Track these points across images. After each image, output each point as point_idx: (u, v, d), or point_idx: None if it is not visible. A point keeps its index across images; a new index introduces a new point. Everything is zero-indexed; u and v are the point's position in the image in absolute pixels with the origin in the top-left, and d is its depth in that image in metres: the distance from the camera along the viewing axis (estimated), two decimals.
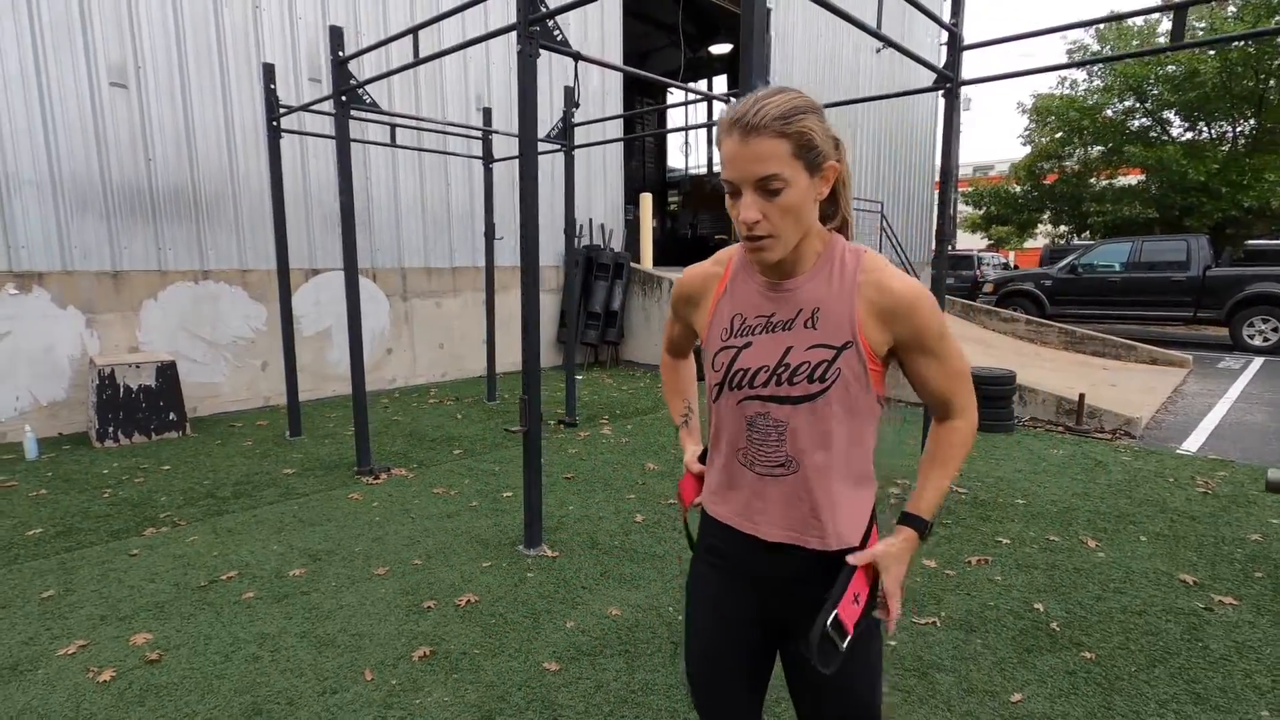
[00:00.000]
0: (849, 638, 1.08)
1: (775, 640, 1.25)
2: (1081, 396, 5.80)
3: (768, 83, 1.68)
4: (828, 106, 3.63)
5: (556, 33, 3.08)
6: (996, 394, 5.69)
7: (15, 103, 5.13)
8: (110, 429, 5.17)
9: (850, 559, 1.11)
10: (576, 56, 3.23)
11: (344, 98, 4.23)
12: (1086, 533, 3.58)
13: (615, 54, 9.44)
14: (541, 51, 3.06)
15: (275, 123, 5.06)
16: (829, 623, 1.06)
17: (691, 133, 19.35)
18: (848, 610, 1.08)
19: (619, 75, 9.51)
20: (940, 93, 3.73)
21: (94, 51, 5.44)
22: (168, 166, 5.88)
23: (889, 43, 3.22)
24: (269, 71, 5.04)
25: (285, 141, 5.21)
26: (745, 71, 2.32)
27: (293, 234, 6.56)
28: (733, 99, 1.05)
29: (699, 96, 9.93)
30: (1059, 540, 3.49)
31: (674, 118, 18.35)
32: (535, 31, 2.98)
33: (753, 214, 1.03)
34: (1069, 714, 2.15)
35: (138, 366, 5.27)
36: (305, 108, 4.90)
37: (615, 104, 9.45)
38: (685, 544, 3.32)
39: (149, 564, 3.20)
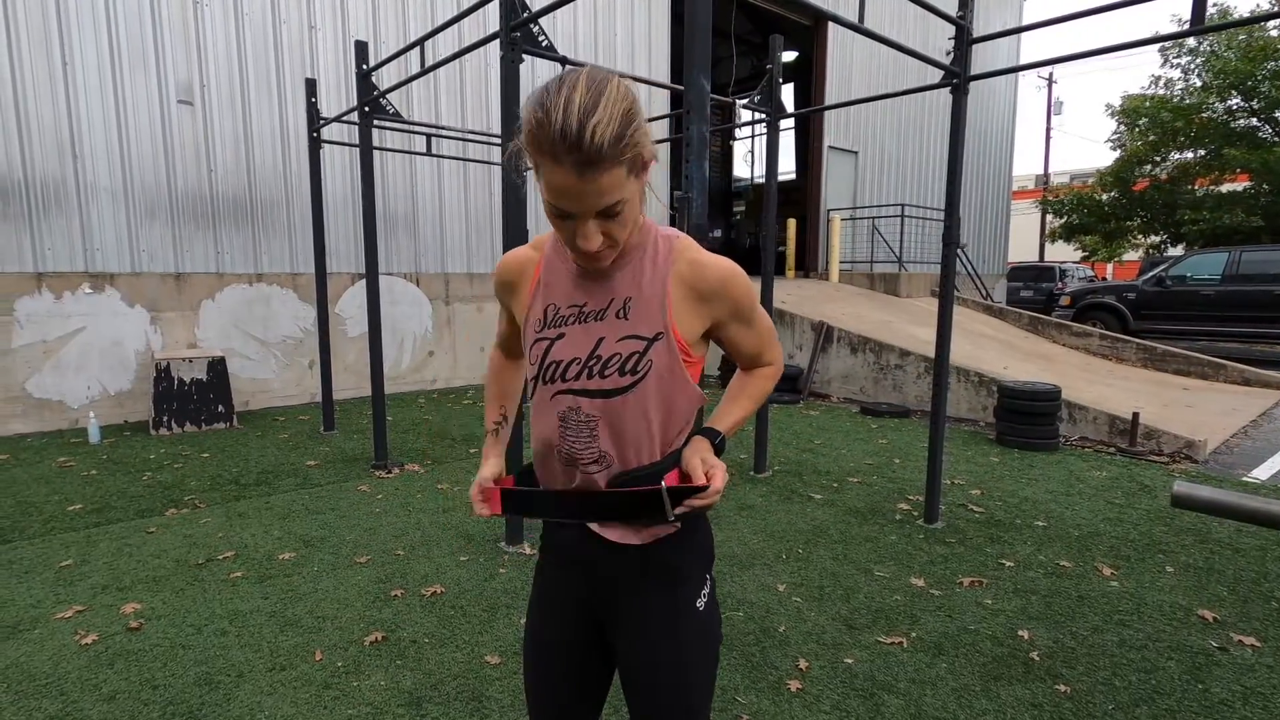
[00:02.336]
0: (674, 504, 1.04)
1: (603, 636, 1.20)
2: (1135, 415, 5.35)
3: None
4: (873, 100, 3.49)
5: (541, 38, 3.14)
6: (1038, 410, 5.32)
7: (95, 118, 5.66)
8: (165, 418, 5.59)
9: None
10: (564, 61, 3.27)
11: (367, 108, 4.45)
12: (1105, 560, 3.30)
13: (663, 62, 9.49)
14: (525, 57, 3.11)
15: (315, 134, 5.37)
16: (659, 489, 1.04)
17: (758, 142, 19.17)
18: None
19: (664, 70, 9.55)
20: (951, 89, 3.55)
21: (164, 71, 5.94)
22: (227, 176, 6.34)
23: (891, 44, 3.10)
24: (311, 86, 5.35)
25: (337, 151, 5.52)
26: (690, 53, 2.29)
27: (341, 239, 6.94)
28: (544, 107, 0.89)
29: (723, 99, 9.82)
30: (1070, 566, 3.23)
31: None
32: (517, 37, 3.05)
33: (596, 241, 0.96)
34: None
35: (190, 361, 5.68)
36: (337, 119, 5.17)
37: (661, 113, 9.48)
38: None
39: (160, 541, 3.43)
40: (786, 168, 15.44)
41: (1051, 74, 30.06)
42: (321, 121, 5.31)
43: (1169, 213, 16.50)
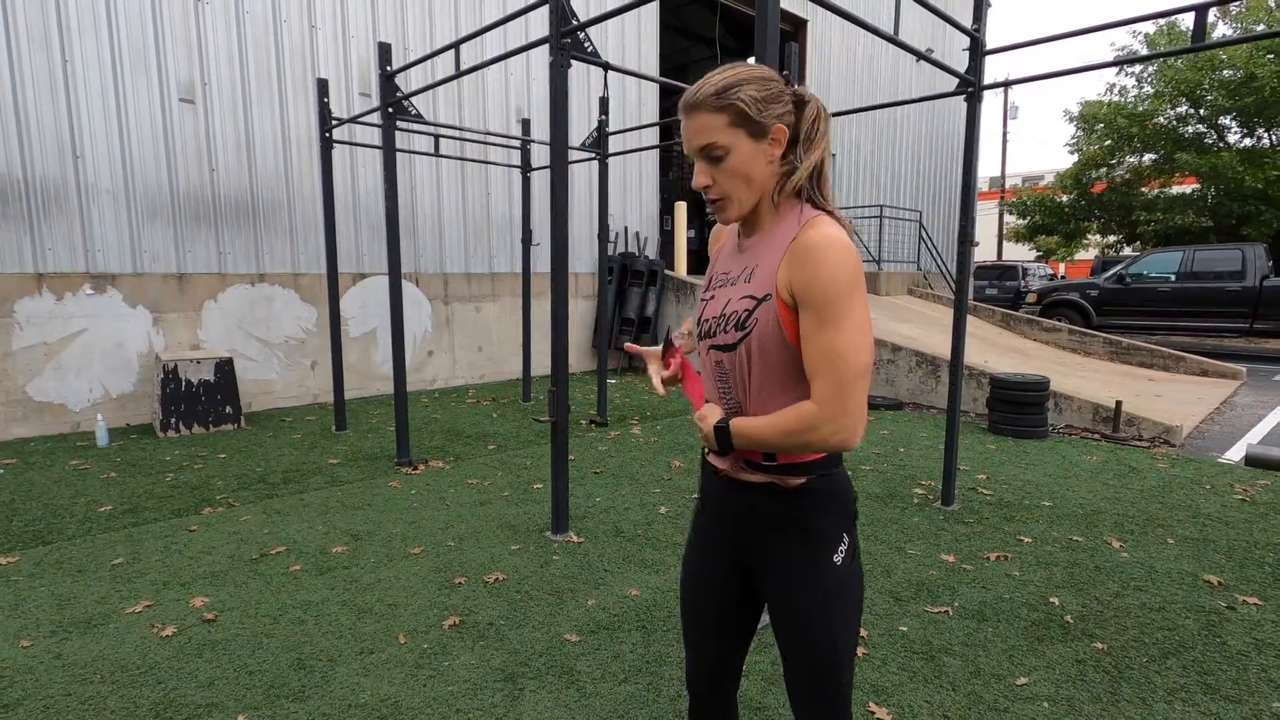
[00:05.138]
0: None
1: (750, 581, 1.31)
2: (1119, 404, 5.70)
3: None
4: (859, 111, 3.71)
5: (587, 44, 3.26)
6: (1029, 400, 5.64)
7: (96, 118, 5.57)
8: (173, 420, 5.53)
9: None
10: (606, 66, 3.41)
11: (390, 110, 4.50)
12: (1112, 534, 3.57)
13: (652, 67, 9.65)
14: (573, 63, 3.24)
15: (328, 134, 5.38)
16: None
17: None
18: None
19: (654, 88, 9.72)
20: (964, 98, 3.79)
21: (165, 70, 5.87)
22: (229, 176, 6.28)
23: (905, 47, 3.31)
24: (323, 86, 5.37)
25: (335, 152, 5.52)
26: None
27: (341, 240, 6.92)
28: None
29: None
30: (1082, 540, 3.48)
31: None
32: (567, 43, 3.17)
33: (703, 179, 1.15)
34: (1074, 698, 2.19)
35: (198, 362, 5.63)
36: (355, 119, 5.20)
37: (651, 116, 9.65)
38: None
39: (206, 539, 3.45)
40: None
41: (1007, 78, 31.12)
42: (335, 122, 5.33)
43: (1125, 214, 17.32)
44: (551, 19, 3.15)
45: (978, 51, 3.60)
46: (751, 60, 1.62)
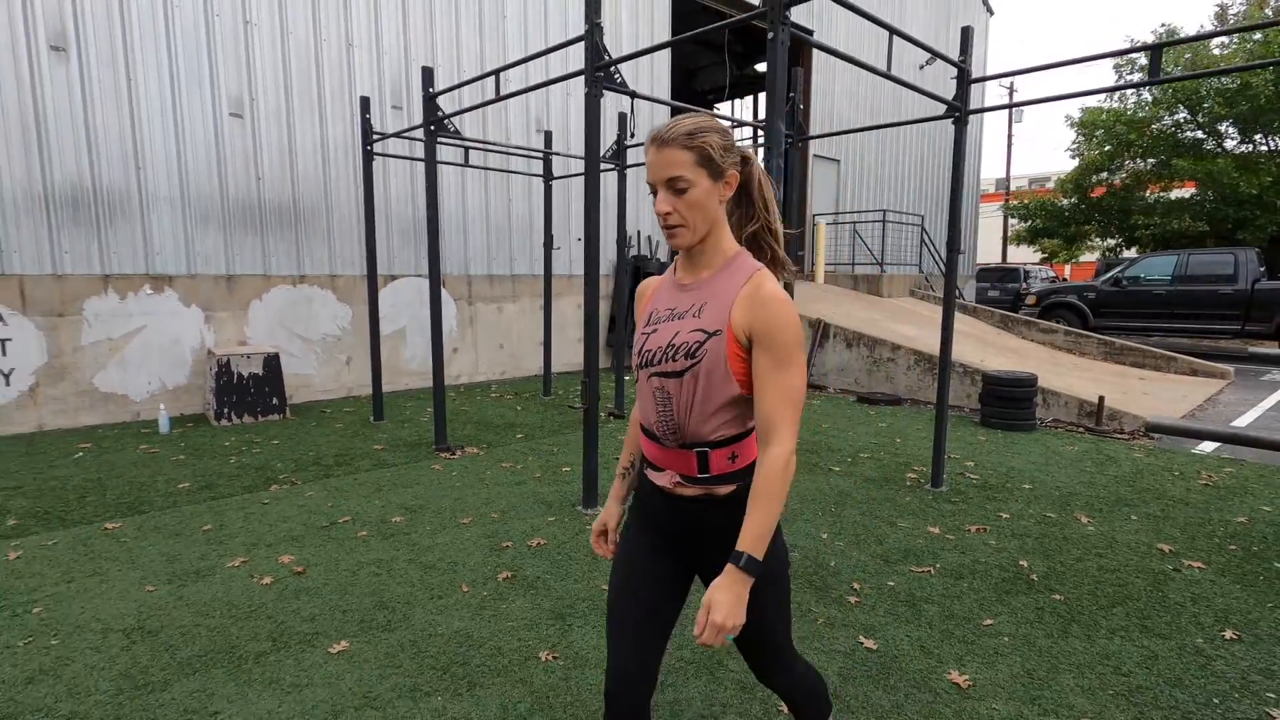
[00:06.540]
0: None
1: (678, 585, 1.46)
2: (1101, 399, 6.12)
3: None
4: (865, 129, 4.18)
5: (617, 76, 3.71)
6: (1017, 395, 6.06)
7: (155, 132, 6.06)
8: (226, 409, 6.01)
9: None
10: (634, 95, 3.86)
11: (432, 127, 4.96)
12: (1082, 512, 4.00)
13: (664, 83, 10.10)
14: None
15: (369, 147, 5.85)
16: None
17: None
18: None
19: (665, 91, 10.17)
20: (954, 121, 4.22)
21: (217, 87, 6.36)
22: (273, 184, 6.76)
23: (899, 81, 3.75)
24: (365, 104, 5.84)
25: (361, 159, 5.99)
26: (770, 108, 2.90)
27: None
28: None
29: (728, 123, 10.48)
30: (1055, 517, 3.91)
31: None
32: (600, 76, 3.62)
33: (664, 207, 1.28)
34: (1030, 634, 2.63)
35: (248, 356, 6.11)
36: (399, 134, 5.67)
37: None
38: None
39: (279, 510, 3.92)
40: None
41: (1012, 84, 31.48)
42: (376, 136, 5.80)
43: (1124, 218, 17.69)
44: (587, 55, 3.60)
45: (964, 80, 4.04)
46: (762, 66, 2.04)
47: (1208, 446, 5.66)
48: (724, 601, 1.21)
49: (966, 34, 4.14)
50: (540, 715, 2.13)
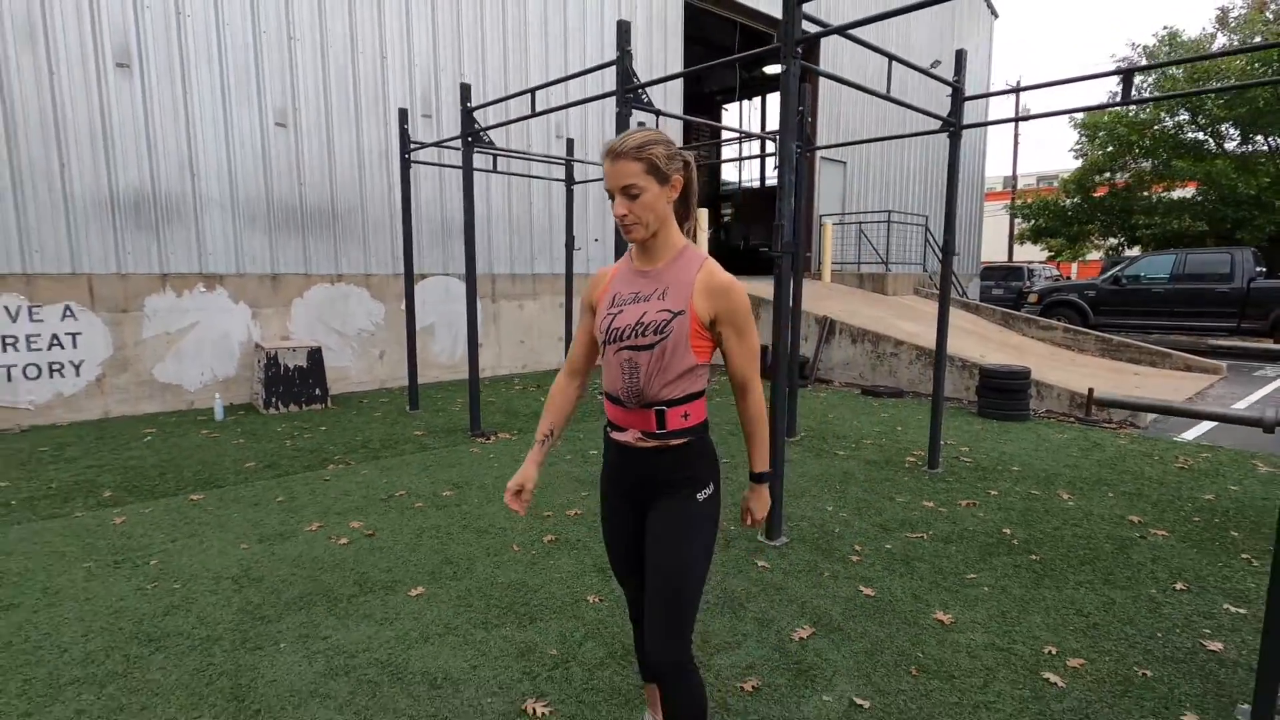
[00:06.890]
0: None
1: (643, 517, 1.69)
2: (1090, 390, 6.52)
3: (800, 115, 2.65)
4: (868, 141, 4.65)
5: (644, 96, 4.14)
6: (1011, 387, 6.47)
7: (209, 140, 6.52)
8: (273, 399, 6.48)
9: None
10: (658, 113, 4.28)
11: (470, 139, 5.41)
12: (1064, 490, 4.41)
13: (676, 86, 10.51)
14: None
15: (407, 156, 6.30)
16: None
17: (746, 147, 20.30)
18: None
19: (678, 104, 10.58)
20: (949, 135, 4.63)
21: (264, 98, 6.82)
22: (314, 189, 7.23)
23: (897, 102, 4.16)
24: (403, 115, 6.28)
25: (394, 166, 6.44)
26: (783, 127, 3.32)
27: (399, 245, 7.84)
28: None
29: (736, 134, 10.91)
30: (1038, 494, 4.33)
31: (725, 137, 19.34)
32: (629, 97, 4.05)
33: (621, 210, 1.51)
34: (1007, 585, 3.06)
35: (294, 350, 6.57)
36: (439, 144, 6.11)
37: (676, 136, 10.51)
38: (733, 473, 4.32)
39: (339, 485, 4.37)
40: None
41: (1019, 81, 31.69)
42: (414, 145, 6.25)
43: (1125, 217, 18.01)
44: (618, 79, 4.03)
45: (958, 98, 4.44)
46: (769, 69, 2.47)
47: (1191, 435, 6.05)
48: (757, 504, 1.72)
49: (960, 56, 4.55)
50: (593, 640, 2.57)
